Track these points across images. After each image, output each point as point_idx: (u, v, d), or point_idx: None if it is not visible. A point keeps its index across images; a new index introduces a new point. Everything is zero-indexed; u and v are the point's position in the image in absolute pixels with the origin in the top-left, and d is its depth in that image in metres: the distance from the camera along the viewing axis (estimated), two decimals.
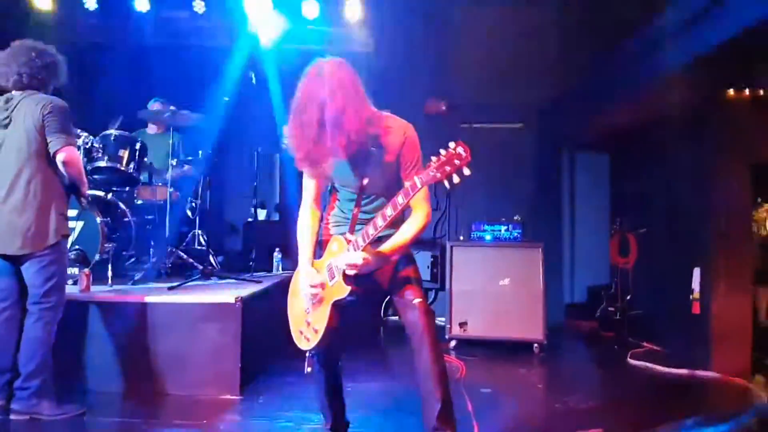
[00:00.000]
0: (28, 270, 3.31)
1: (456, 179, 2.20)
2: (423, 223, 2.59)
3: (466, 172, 2.18)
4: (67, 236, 3.46)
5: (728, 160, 4.52)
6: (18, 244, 3.25)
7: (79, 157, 3.54)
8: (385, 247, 2.53)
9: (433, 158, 2.22)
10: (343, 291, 2.51)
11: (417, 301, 2.56)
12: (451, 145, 2.20)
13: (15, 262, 3.32)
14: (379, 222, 2.42)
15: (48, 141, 3.29)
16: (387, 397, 3.89)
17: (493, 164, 5.90)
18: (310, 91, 2.41)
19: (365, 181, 2.62)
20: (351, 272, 2.48)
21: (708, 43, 4.12)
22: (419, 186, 2.28)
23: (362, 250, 2.46)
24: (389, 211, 2.39)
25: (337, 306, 2.56)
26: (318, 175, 2.72)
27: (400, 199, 2.36)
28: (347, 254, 2.49)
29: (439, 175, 2.20)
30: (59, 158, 3.30)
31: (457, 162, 2.17)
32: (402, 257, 2.65)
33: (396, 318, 6.24)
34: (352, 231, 2.64)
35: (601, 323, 5.81)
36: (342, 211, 2.77)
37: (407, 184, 2.34)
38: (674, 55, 4.50)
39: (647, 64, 5.05)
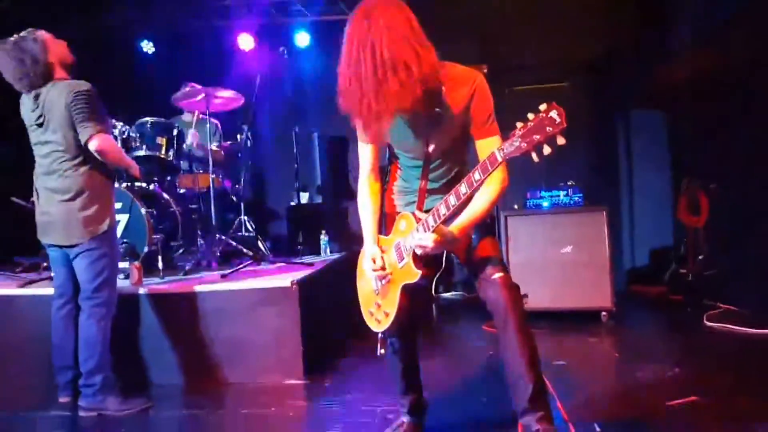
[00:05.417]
0: (79, 264, 3.25)
1: (547, 150, 1.86)
2: (499, 189, 2.27)
3: (560, 141, 1.84)
4: (113, 226, 3.36)
5: None
6: (68, 235, 3.20)
7: (113, 143, 3.37)
8: (458, 224, 2.25)
9: (519, 124, 1.89)
10: (414, 275, 2.28)
11: (498, 275, 2.30)
12: (542, 107, 1.86)
13: (68, 255, 3.26)
14: (452, 201, 2.15)
15: (78, 133, 3.13)
16: (449, 375, 3.70)
17: None
18: (360, 35, 2.08)
19: (431, 148, 2.36)
20: (420, 252, 2.25)
21: None
22: (500, 159, 1.96)
23: (433, 231, 2.20)
24: (464, 189, 2.11)
25: (407, 288, 2.35)
26: (375, 139, 2.42)
27: (476, 175, 2.05)
28: (417, 235, 2.24)
29: (524, 145, 1.87)
30: (92, 147, 3.15)
31: (549, 129, 1.83)
32: (477, 227, 2.36)
33: (448, 295, 6.06)
34: (420, 206, 2.40)
35: (671, 286, 5.51)
36: (405, 181, 2.54)
37: (486, 157, 2.01)
38: None
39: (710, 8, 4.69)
